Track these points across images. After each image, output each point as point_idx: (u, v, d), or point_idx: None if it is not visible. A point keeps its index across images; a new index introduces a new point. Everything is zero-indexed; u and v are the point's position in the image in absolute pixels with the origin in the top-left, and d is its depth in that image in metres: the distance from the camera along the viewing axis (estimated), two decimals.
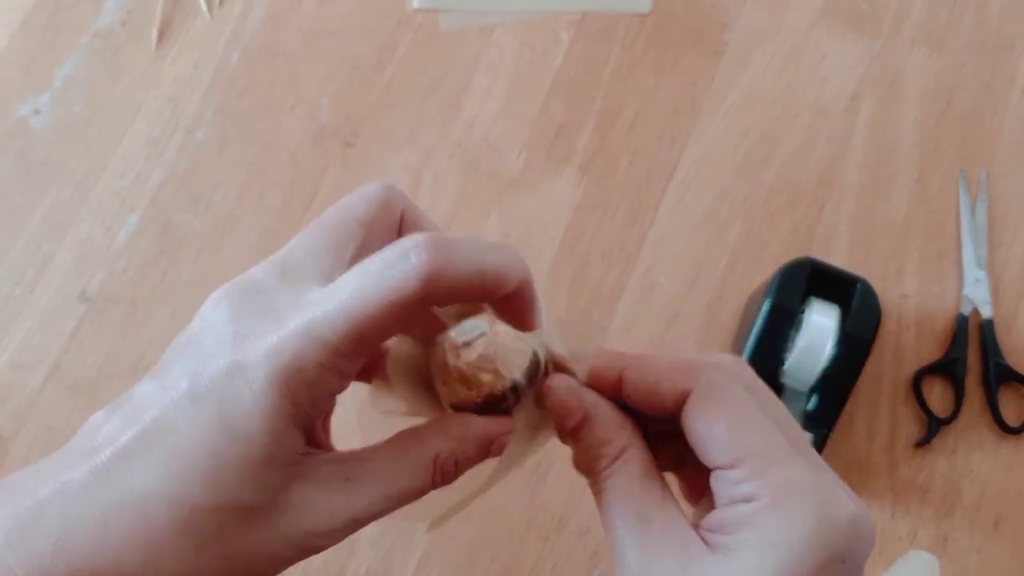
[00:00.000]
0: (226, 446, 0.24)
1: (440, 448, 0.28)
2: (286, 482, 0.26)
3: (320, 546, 0.27)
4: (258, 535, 0.25)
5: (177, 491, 0.24)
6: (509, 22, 0.64)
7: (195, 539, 0.25)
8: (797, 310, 0.53)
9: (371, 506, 0.27)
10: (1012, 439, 0.56)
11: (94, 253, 0.59)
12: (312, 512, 0.26)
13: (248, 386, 0.24)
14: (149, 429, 0.25)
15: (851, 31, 0.64)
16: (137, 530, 0.24)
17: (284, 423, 0.25)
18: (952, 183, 0.61)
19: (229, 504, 0.25)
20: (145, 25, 0.64)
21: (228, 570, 0.25)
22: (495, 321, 0.29)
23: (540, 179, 0.61)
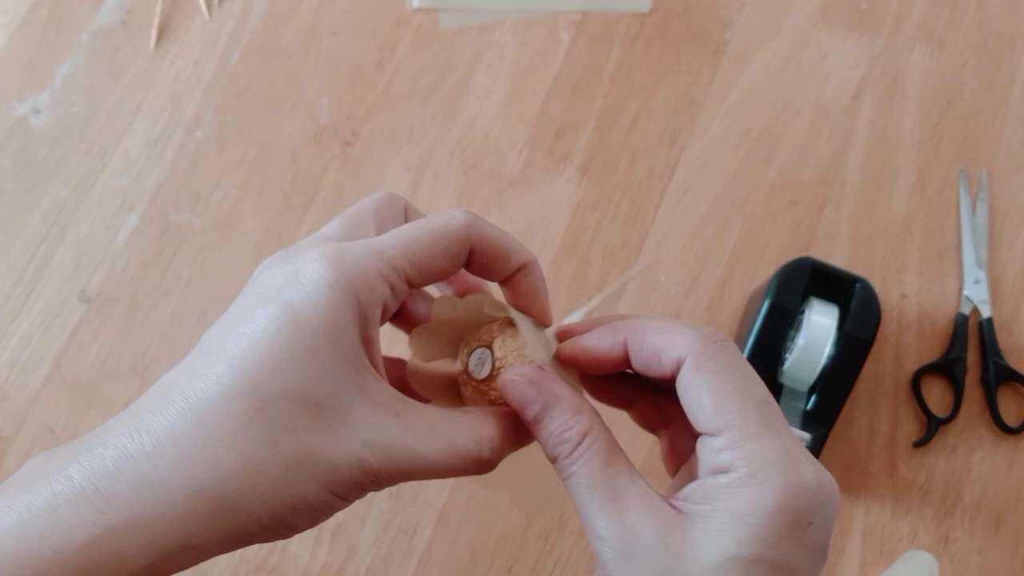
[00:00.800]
0: (295, 337, 0.25)
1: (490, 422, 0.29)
2: (349, 384, 0.26)
3: (377, 467, 0.26)
4: (323, 435, 0.26)
5: (249, 383, 0.25)
6: (509, 21, 0.64)
7: (264, 431, 0.25)
8: (797, 310, 0.53)
9: (426, 449, 0.27)
10: (1012, 439, 0.56)
11: (94, 253, 0.59)
12: (367, 427, 0.26)
13: (314, 284, 0.26)
14: (218, 341, 0.26)
15: (852, 30, 0.64)
16: (205, 428, 0.25)
17: (347, 319, 0.26)
18: (952, 183, 0.61)
19: (298, 394, 0.25)
20: (145, 24, 0.64)
21: (291, 476, 0.25)
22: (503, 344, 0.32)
23: (540, 178, 0.61)
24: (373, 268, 0.27)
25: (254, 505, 0.25)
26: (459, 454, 0.28)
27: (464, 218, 0.29)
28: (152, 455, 0.25)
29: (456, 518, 0.54)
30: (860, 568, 0.54)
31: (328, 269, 0.26)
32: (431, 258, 0.29)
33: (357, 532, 0.54)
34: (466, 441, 0.28)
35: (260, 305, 0.26)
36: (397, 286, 0.28)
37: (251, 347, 0.26)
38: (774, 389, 0.53)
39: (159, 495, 0.24)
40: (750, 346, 0.53)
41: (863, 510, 0.55)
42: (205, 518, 0.25)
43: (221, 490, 0.25)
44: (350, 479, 0.26)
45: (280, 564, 0.54)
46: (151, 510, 0.24)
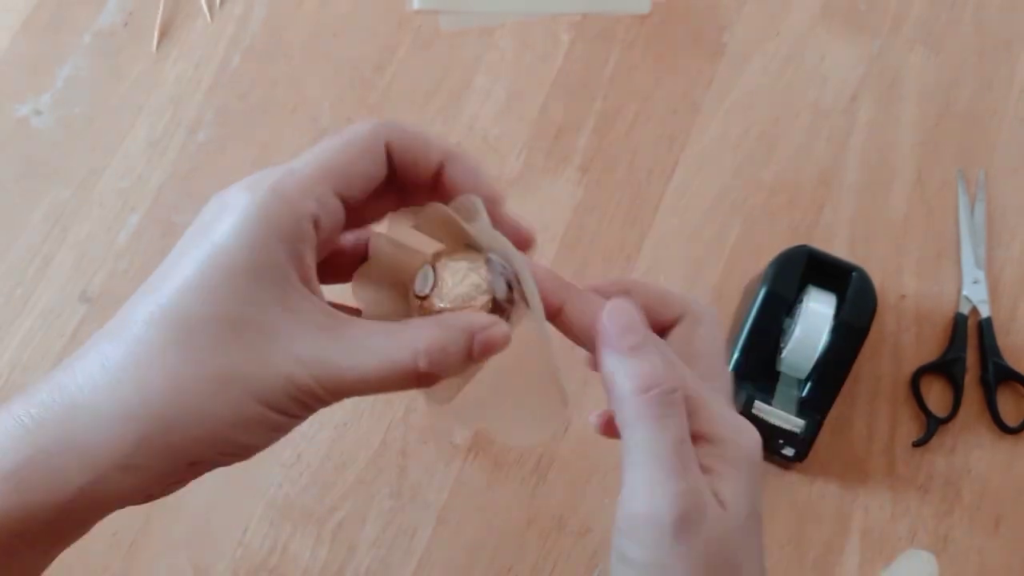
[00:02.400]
0: (215, 264, 0.26)
1: (427, 333, 0.28)
2: (272, 303, 0.27)
3: (309, 385, 0.27)
4: (248, 353, 0.26)
5: (171, 310, 0.26)
6: (509, 23, 0.64)
7: (187, 352, 0.26)
8: (793, 298, 0.53)
9: (356, 365, 0.27)
10: (1011, 438, 0.56)
11: (95, 253, 0.59)
12: (298, 341, 0.27)
13: (233, 212, 0.27)
14: (151, 280, 0.28)
15: (850, 31, 0.64)
16: (132, 356, 0.26)
17: (265, 239, 0.27)
18: (951, 183, 0.61)
19: (220, 316, 0.26)
20: (146, 26, 0.64)
21: (223, 393, 0.26)
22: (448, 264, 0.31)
23: (540, 179, 0.61)
24: (292, 185, 0.28)
25: (187, 422, 0.26)
26: (394, 367, 0.28)
27: (375, 121, 0.30)
28: (83, 384, 0.26)
29: (456, 518, 0.55)
30: (860, 568, 0.54)
31: (246, 196, 0.27)
32: (349, 162, 0.29)
33: (357, 532, 0.54)
34: (401, 354, 0.28)
35: (191, 241, 0.28)
36: (324, 197, 0.28)
37: (175, 278, 0.27)
38: (771, 376, 0.54)
39: (92, 418, 0.26)
40: (746, 333, 0.53)
41: (862, 510, 0.55)
42: (139, 438, 0.26)
43: (152, 410, 0.26)
44: (285, 394, 0.27)
45: (280, 564, 0.54)
46: (85, 432, 0.26)
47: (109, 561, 0.54)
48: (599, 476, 0.55)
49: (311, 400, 0.27)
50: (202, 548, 0.54)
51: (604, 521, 0.54)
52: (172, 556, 0.54)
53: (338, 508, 0.55)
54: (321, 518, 0.54)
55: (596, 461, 0.56)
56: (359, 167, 0.29)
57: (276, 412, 0.27)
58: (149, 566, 0.54)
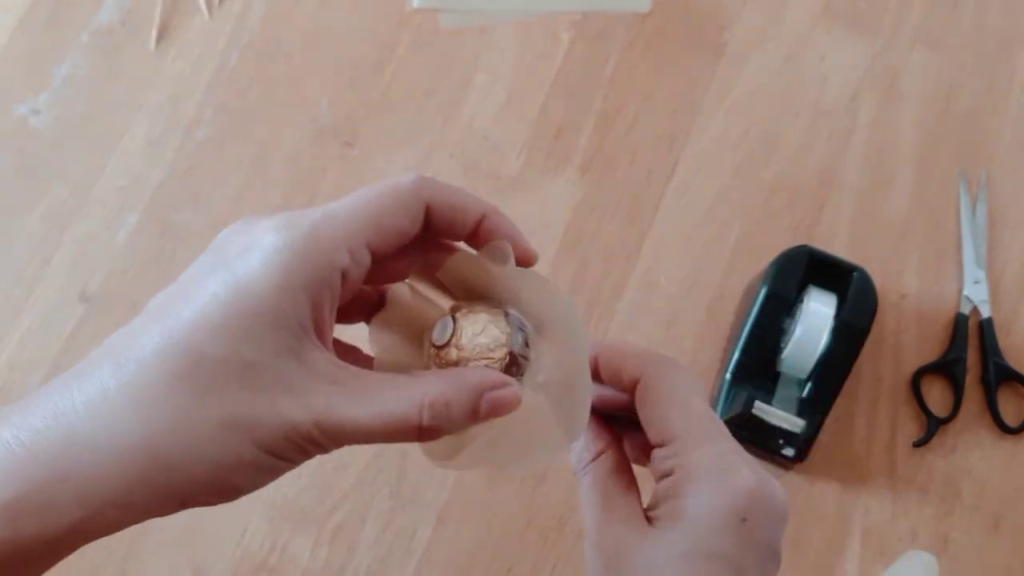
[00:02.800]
0: (236, 303, 0.26)
1: (431, 387, 0.28)
2: (286, 351, 0.26)
3: (308, 433, 0.27)
4: (254, 397, 0.26)
5: (182, 343, 0.26)
6: (509, 22, 0.64)
7: (193, 391, 0.25)
8: (793, 297, 0.53)
9: (358, 417, 0.27)
10: (1011, 439, 0.56)
11: (94, 253, 0.59)
12: (305, 390, 0.27)
13: (262, 252, 0.26)
14: (163, 304, 0.27)
15: (851, 31, 0.64)
16: (136, 387, 0.25)
17: (291, 287, 0.26)
18: (952, 183, 0.61)
19: (231, 356, 0.26)
20: (144, 24, 0.64)
21: (223, 436, 0.26)
22: (468, 315, 0.31)
23: (540, 179, 0.61)
24: (328, 234, 0.27)
25: (188, 464, 0.25)
26: (395, 419, 0.27)
27: (414, 176, 0.30)
28: (83, 413, 0.25)
29: (456, 518, 0.54)
30: (860, 568, 0.54)
31: (279, 238, 0.27)
32: (388, 217, 0.28)
33: (357, 532, 0.54)
34: (404, 406, 0.28)
35: (211, 271, 0.27)
36: (356, 251, 0.28)
37: (190, 310, 0.26)
38: (771, 376, 0.53)
39: (90, 452, 0.25)
40: (746, 333, 0.53)
41: (863, 510, 0.55)
42: (139, 475, 0.25)
43: (153, 448, 0.25)
44: (286, 440, 0.26)
45: (280, 564, 0.54)
46: (83, 466, 0.25)
47: (109, 561, 0.53)
48: None
49: (310, 447, 0.27)
50: (201, 548, 0.54)
51: None
52: (171, 556, 0.54)
53: (338, 508, 0.54)
54: (321, 518, 0.54)
55: None
56: (396, 221, 0.29)
57: (274, 457, 0.27)
58: (148, 566, 0.53)
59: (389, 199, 0.29)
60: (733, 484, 0.30)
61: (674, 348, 0.58)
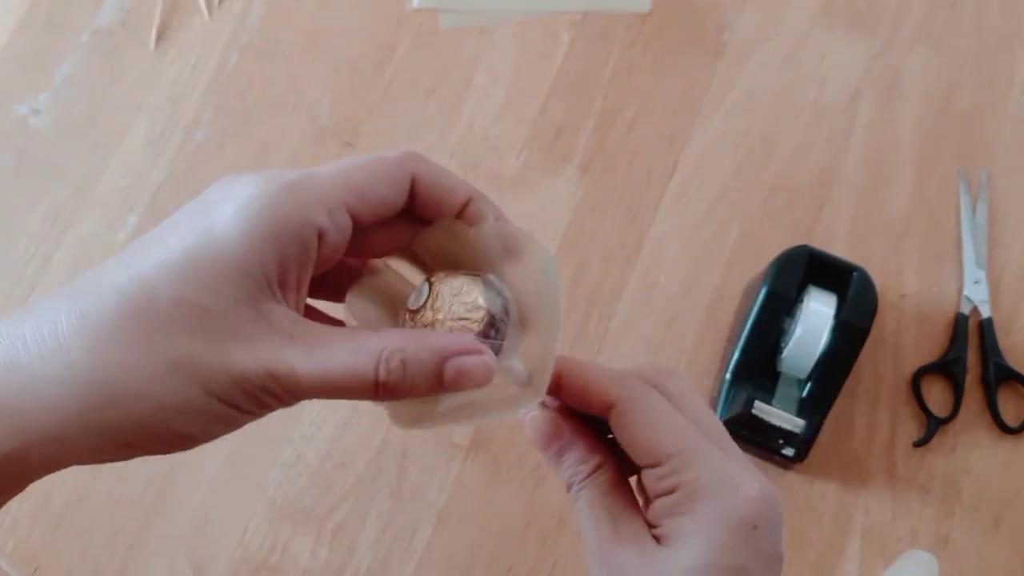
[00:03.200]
0: (200, 247, 0.26)
1: (390, 341, 0.28)
2: (244, 301, 0.26)
3: (265, 386, 0.26)
4: (204, 344, 0.25)
5: (140, 281, 0.25)
6: (509, 22, 0.64)
7: (144, 329, 0.25)
8: (793, 297, 0.53)
9: (312, 368, 0.26)
10: (1011, 439, 0.56)
11: (94, 253, 0.59)
12: (259, 341, 0.26)
13: (236, 201, 0.26)
14: (137, 244, 0.27)
15: (851, 31, 0.64)
16: (88, 319, 0.25)
17: (259, 237, 0.26)
18: (952, 183, 0.61)
19: (188, 299, 0.25)
20: (144, 25, 0.64)
21: (171, 377, 0.25)
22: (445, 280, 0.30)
23: (540, 179, 0.61)
24: (308, 192, 0.27)
25: (130, 402, 0.25)
26: (352, 373, 0.27)
27: (400, 151, 0.29)
28: (31, 342, 0.25)
29: (456, 518, 0.54)
30: (860, 568, 0.54)
31: (257, 189, 0.27)
32: (370, 184, 0.28)
33: (357, 532, 0.54)
34: (360, 359, 0.27)
35: (187, 216, 0.27)
36: (335, 212, 0.28)
37: (157, 252, 0.26)
38: (771, 376, 0.54)
39: (30, 380, 0.25)
40: (746, 333, 0.53)
41: (863, 510, 0.55)
42: (77, 408, 0.25)
43: (94, 380, 0.25)
44: (236, 387, 0.26)
45: (280, 564, 0.54)
46: (20, 393, 0.24)
47: (108, 560, 0.53)
48: None
49: (267, 398, 0.27)
50: (202, 548, 0.54)
51: None
52: (172, 556, 0.54)
53: (338, 508, 0.55)
54: (321, 518, 0.54)
55: None
56: (379, 190, 0.29)
57: (227, 405, 0.26)
58: (149, 566, 0.54)
59: (374, 168, 0.29)
60: (741, 495, 0.30)
61: (674, 348, 0.58)
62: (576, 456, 0.33)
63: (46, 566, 0.53)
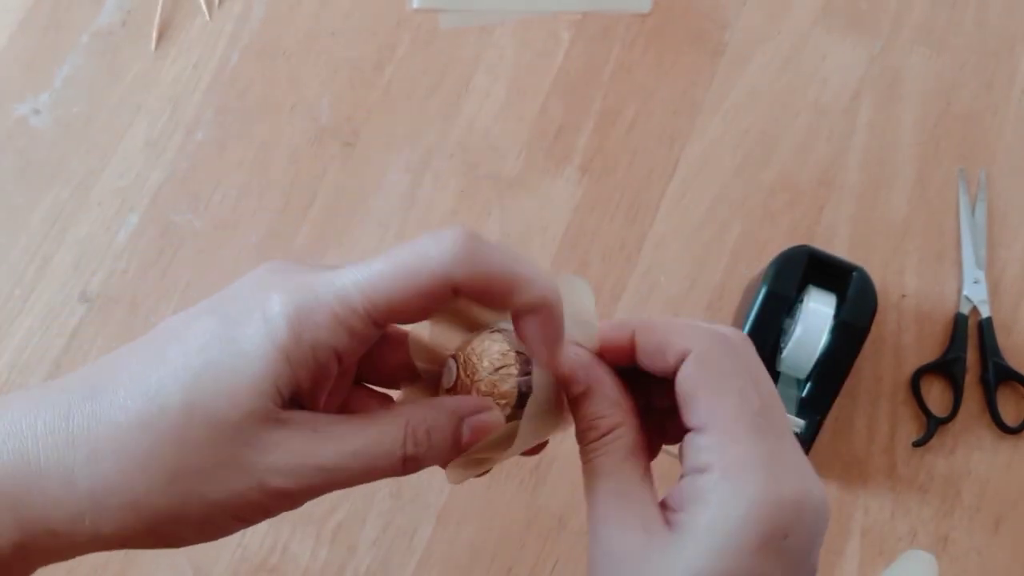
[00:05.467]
0: (219, 358, 0.26)
1: (412, 414, 0.28)
2: (263, 415, 0.26)
3: (284, 488, 0.26)
4: (223, 453, 0.25)
5: (152, 387, 0.25)
6: (509, 22, 0.64)
7: (151, 439, 0.25)
8: (793, 297, 0.53)
9: (336, 458, 0.27)
10: (1011, 439, 0.56)
11: (94, 253, 0.59)
12: (277, 449, 0.26)
13: (262, 314, 0.26)
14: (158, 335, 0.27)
15: (851, 31, 0.64)
16: (95, 424, 0.25)
17: (282, 355, 0.26)
18: (952, 183, 0.61)
19: (199, 410, 0.25)
20: (145, 25, 0.64)
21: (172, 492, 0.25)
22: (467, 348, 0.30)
23: (540, 179, 0.61)
24: (329, 314, 0.26)
25: (125, 510, 0.25)
26: (375, 458, 0.27)
27: (449, 247, 0.26)
28: (40, 433, 0.25)
29: (456, 518, 0.55)
30: (860, 568, 0.54)
31: (280, 307, 0.26)
32: (401, 299, 0.26)
33: (357, 532, 0.54)
34: (381, 444, 0.27)
35: (209, 318, 0.27)
36: (359, 330, 0.27)
37: (176, 355, 0.26)
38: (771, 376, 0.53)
39: (36, 475, 0.25)
40: (746, 333, 0.53)
41: (862, 510, 0.55)
42: (74, 511, 0.25)
43: (93, 487, 0.25)
44: (258, 502, 0.26)
45: (280, 564, 0.54)
46: (25, 487, 0.25)
47: (109, 561, 0.53)
48: None
49: (284, 499, 0.27)
50: (202, 548, 0.54)
51: None
52: (172, 556, 0.54)
53: (338, 508, 0.55)
54: (321, 518, 0.54)
55: None
56: (412, 302, 0.26)
57: (230, 517, 0.26)
58: (149, 566, 0.54)
59: (409, 280, 0.26)
60: (778, 493, 0.26)
61: None
62: (596, 407, 0.29)
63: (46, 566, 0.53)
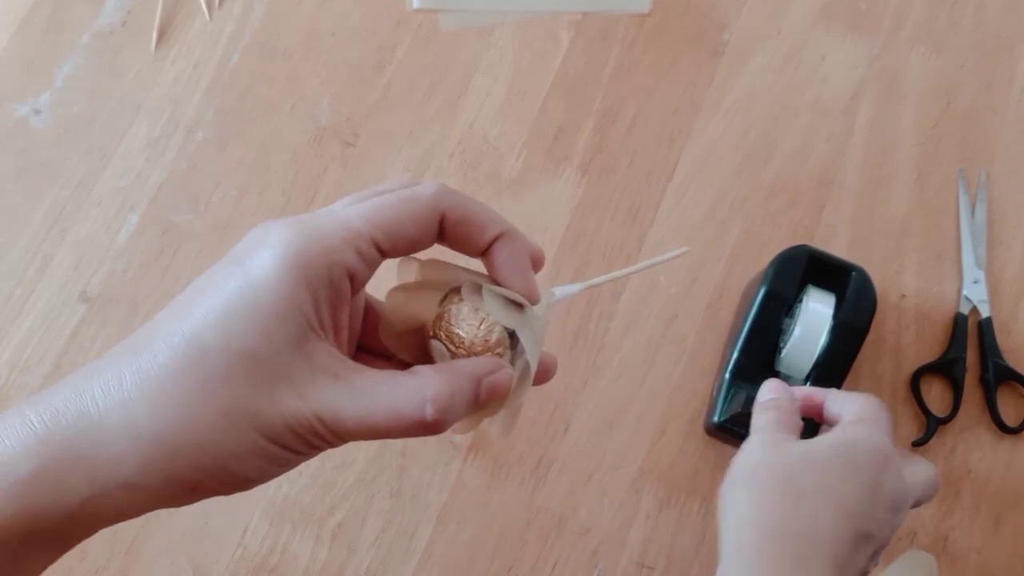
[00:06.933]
0: (241, 297, 0.27)
1: (433, 384, 0.29)
2: (289, 344, 0.27)
3: (311, 427, 0.27)
4: (256, 389, 0.27)
5: (190, 334, 0.27)
6: (509, 22, 0.64)
7: (199, 380, 0.26)
8: (792, 297, 0.53)
9: (357, 412, 0.28)
10: (1011, 439, 0.56)
11: (94, 253, 0.59)
12: (307, 384, 0.27)
13: (270, 248, 0.27)
14: (182, 298, 0.28)
15: (850, 31, 0.64)
16: (146, 375, 0.26)
17: (294, 282, 0.27)
18: (952, 183, 0.61)
19: (237, 348, 0.26)
20: (145, 25, 0.64)
21: (227, 424, 0.26)
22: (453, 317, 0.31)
23: (540, 179, 0.61)
24: (337, 234, 0.28)
25: (192, 451, 0.26)
26: (400, 417, 0.28)
27: (434, 186, 0.30)
28: (99, 397, 0.26)
29: (456, 518, 0.55)
30: None
31: (288, 235, 0.28)
32: (399, 224, 0.29)
33: (357, 532, 0.54)
34: (406, 404, 0.28)
35: (225, 267, 0.28)
36: (365, 251, 0.28)
37: (202, 304, 0.27)
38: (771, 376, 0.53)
39: (100, 433, 0.26)
40: (746, 333, 0.53)
41: None
42: (143, 459, 0.26)
43: (159, 435, 0.26)
44: (288, 431, 0.27)
45: (280, 564, 0.54)
46: (94, 446, 0.26)
47: (109, 561, 0.53)
48: (599, 476, 0.55)
49: (315, 439, 0.28)
50: (202, 548, 0.54)
51: (604, 521, 0.54)
52: (172, 556, 0.54)
53: (338, 508, 0.55)
54: (321, 518, 0.54)
55: (596, 461, 0.56)
56: (408, 229, 0.29)
57: (280, 447, 0.27)
58: (149, 566, 0.54)
59: (403, 204, 0.29)
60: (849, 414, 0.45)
61: (674, 347, 0.58)
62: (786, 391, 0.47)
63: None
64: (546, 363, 0.34)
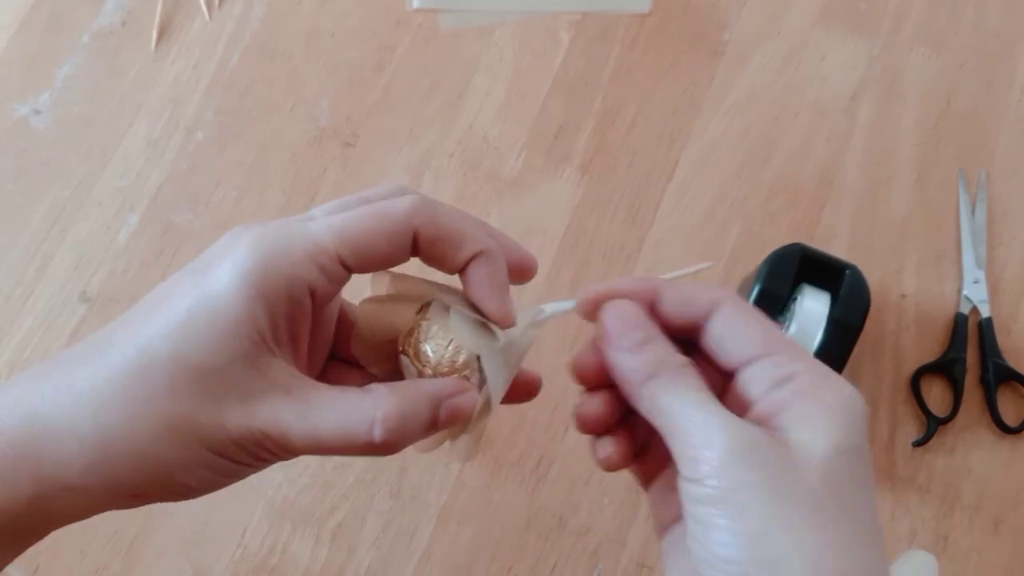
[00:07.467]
0: (198, 306, 0.27)
1: (384, 403, 0.28)
2: (241, 358, 0.27)
3: (257, 441, 0.27)
4: (202, 401, 0.26)
5: (140, 342, 0.26)
6: (509, 22, 0.64)
7: (143, 388, 0.26)
8: (786, 296, 0.53)
9: (305, 430, 0.27)
10: (1011, 439, 0.56)
11: (94, 253, 0.59)
12: (257, 399, 0.27)
13: (232, 260, 0.27)
14: (142, 304, 0.28)
15: (850, 31, 0.64)
16: (94, 379, 0.26)
17: (253, 296, 0.27)
18: (952, 183, 0.61)
19: (186, 360, 0.26)
20: (145, 25, 0.64)
21: (171, 436, 0.26)
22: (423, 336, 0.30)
23: (540, 179, 0.61)
24: (301, 248, 0.27)
25: (133, 458, 0.26)
26: (348, 437, 0.28)
27: (409, 201, 0.29)
28: (49, 399, 0.27)
29: (456, 518, 0.55)
30: None
31: (252, 247, 0.27)
32: (368, 240, 0.28)
33: (357, 532, 0.54)
34: (356, 424, 0.28)
35: (189, 274, 0.28)
36: (329, 268, 0.28)
37: (159, 312, 0.27)
38: None
39: (48, 433, 0.26)
40: None
41: None
42: (86, 462, 0.26)
43: (102, 440, 0.26)
44: (234, 445, 0.27)
45: (280, 564, 0.54)
46: (39, 444, 0.26)
47: (109, 561, 0.53)
48: (599, 476, 0.55)
49: (264, 453, 0.28)
50: (202, 548, 0.54)
51: (604, 521, 0.54)
52: (172, 556, 0.54)
53: (338, 508, 0.55)
54: (321, 518, 0.54)
55: None
56: (379, 247, 0.28)
57: (225, 460, 0.27)
58: (149, 566, 0.54)
59: (375, 222, 0.28)
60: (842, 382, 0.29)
61: None
62: (666, 346, 0.29)
63: (46, 566, 0.53)
64: (528, 381, 0.32)
